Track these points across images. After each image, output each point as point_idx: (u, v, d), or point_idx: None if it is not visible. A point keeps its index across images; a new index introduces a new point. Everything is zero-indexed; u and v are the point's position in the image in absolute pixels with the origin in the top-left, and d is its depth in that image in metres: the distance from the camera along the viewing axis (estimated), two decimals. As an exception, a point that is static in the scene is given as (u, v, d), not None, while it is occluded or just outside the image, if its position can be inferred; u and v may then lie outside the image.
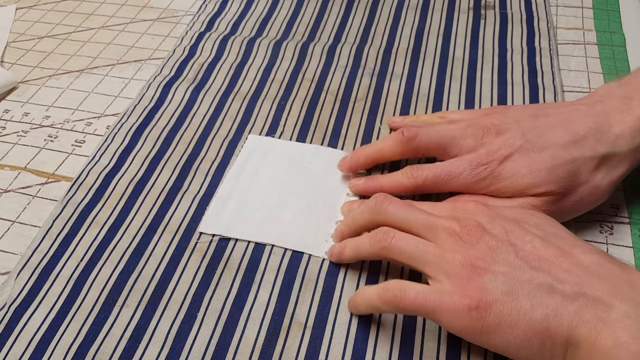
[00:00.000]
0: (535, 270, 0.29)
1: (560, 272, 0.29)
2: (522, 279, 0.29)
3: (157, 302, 0.35)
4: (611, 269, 0.29)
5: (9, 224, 0.41)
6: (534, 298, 0.29)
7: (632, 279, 0.28)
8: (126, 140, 0.46)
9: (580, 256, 0.30)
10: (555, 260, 0.30)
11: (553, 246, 0.30)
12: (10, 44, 0.58)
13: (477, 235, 0.31)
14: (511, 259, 0.30)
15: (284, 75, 0.51)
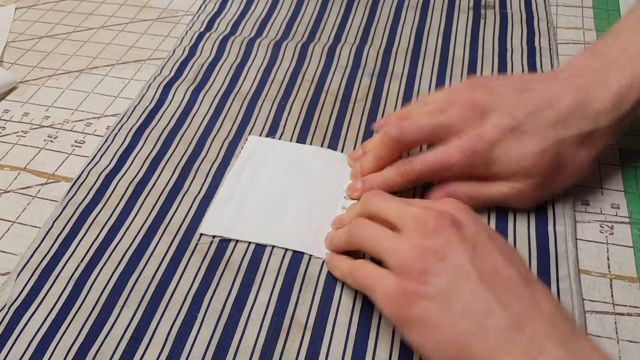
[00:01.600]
0: (483, 284, 0.28)
1: (507, 297, 0.28)
2: (464, 287, 0.28)
3: (157, 302, 0.35)
4: (562, 320, 0.28)
5: (8, 224, 0.41)
6: (467, 310, 0.27)
7: (574, 331, 0.27)
8: (126, 140, 0.46)
9: (537, 294, 0.28)
10: (508, 283, 0.28)
11: (515, 271, 0.29)
12: (10, 44, 0.58)
13: (442, 226, 0.30)
14: (464, 262, 0.29)
15: (284, 75, 0.51)
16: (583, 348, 0.27)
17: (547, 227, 0.38)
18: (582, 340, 0.27)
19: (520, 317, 0.27)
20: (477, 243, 0.30)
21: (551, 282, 0.35)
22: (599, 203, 0.40)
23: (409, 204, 0.33)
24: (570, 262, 0.36)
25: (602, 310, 0.35)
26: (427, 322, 0.28)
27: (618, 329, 0.34)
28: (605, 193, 0.41)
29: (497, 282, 0.28)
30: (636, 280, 0.36)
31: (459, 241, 0.29)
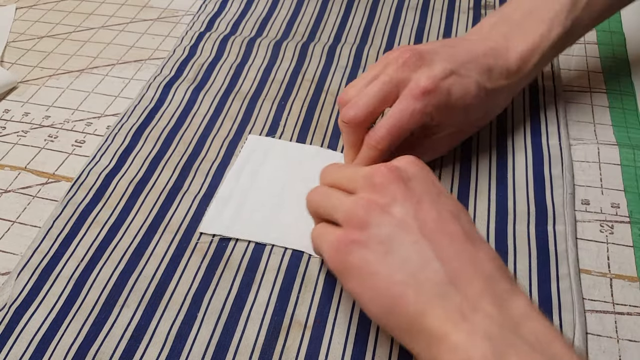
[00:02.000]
0: (424, 238, 0.28)
1: (447, 253, 0.27)
2: (405, 238, 0.28)
3: (157, 302, 0.35)
4: (501, 280, 0.27)
5: (9, 224, 0.41)
6: (404, 262, 0.27)
7: (513, 290, 0.27)
8: (126, 140, 0.46)
9: (479, 252, 0.28)
10: (450, 238, 0.28)
11: (459, 227, 0.28)
12: (10, 44, 0.58)
13: (389, 180, 0.30)
14: (407, 215, 0.28)
15: (284, 75, 0.51)
16: (519, 307, 0.26)
17: (547, 226, 0.38)
18: (521, 300, 0.27)
19: (458, 273, 0.27)
20: (423, 197, 0.29)
21: (551, 281, 0.35)
22: (599, 202, 0.40)
23: (361, 167, 0.33)
24: (570, 261, 0.36)
25: (602, 309, 0.35)
26: (364, 271, 0.28)
27: (618, 328, 0.34)
28: (605, 192, 0.41)
29: (438, 237, 0.28)
30: (636, 279, 0.36)
31: (404, 194, 0.29)
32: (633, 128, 0.45)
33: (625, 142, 0.44)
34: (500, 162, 0.43)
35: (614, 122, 0.46)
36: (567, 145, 0.43)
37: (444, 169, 0.42)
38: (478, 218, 0.39)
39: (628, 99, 0.48)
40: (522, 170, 0.42)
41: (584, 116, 0.47)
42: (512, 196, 0.40)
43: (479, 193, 0.41)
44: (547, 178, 0.41)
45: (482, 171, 0.42)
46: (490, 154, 0.43)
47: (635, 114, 0.47)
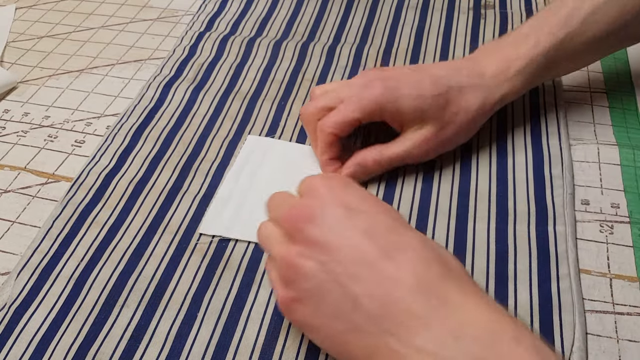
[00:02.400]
0: (345, 277, 0.27)
1: (368, 284, 0.27)
2: (328, 285, 0.27)
3: (157, 302, 0.35)
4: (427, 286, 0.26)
5: (9, 224, 0.41)
6: (337, 309, 0.27)
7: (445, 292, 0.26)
8: (126, 140, 0.46)
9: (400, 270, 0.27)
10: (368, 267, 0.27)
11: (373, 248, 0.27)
12: (10, 44, 0.58)
13: (296, 227, 0.29)
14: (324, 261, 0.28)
15: (284, 75, 0.51)
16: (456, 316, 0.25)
17: (547, 226, 0.38)
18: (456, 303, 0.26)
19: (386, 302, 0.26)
20: (332, 232, 0.28)
21: (551, 281, 0.35)
22: (599, 202, 0.40)
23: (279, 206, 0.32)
24: (570, 261, 0.36)
25: (602, 309, 0.35)
26: (308, 327, 0.29)
27: (618, 329, 0.34)
28: (605, 192, 0.41)
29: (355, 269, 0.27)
30: (636, 279, 0.36)
31: (314, 238, 0.28)
32: (633, 128, 0.45)
33: (625, 142, 0.44)
34: (500, 162, 0.43)
35: (614, 122, 0.46)
36: (567, 145, 0.43)
37: (444, 169, 0.42)
38: (478, 218, 0.39)
39: (628, 99, 0.48)
40: (522, 170, 0.42)
41: (584, 116, 0.47)
42: (512, 196, 0.40)
43: (479, 193, 0.41)
44: (547, 178, 0.41)
45: (482, 171, 0.42)
46: (490, 154, 0.43)
47: (635, 114, 0.47)
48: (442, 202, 0.40)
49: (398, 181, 0.42)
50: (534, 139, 0.44)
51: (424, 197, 0.41)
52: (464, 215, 0.39)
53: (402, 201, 0.41)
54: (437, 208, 0.40)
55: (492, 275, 0.36)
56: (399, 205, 0.40)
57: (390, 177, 0.42)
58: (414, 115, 0.40)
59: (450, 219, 0.39)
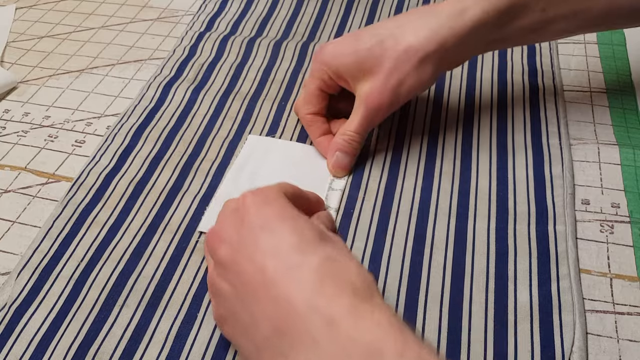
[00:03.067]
0: (247, 296, 0.28)
1: (262, 303, 0.27)
2: (237, 306, 0.29)
3: (157, 302, 0.35)
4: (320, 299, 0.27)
5: (9, 224, 0.41)
6: (246, 329, 0.28)
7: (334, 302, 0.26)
8: (126, 140, 0.46)
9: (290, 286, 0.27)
10: (263, 287, 0.28)
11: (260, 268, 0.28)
12: (10, 44, 0.58)
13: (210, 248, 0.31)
14: (230, 284, 0.29)
15: (284, 75, 0.51)
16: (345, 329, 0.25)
17: (547, 226, 0.38)
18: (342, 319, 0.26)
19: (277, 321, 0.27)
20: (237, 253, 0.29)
21: (551, 281, 0.35)
22: (599, 202, 0.40)
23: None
24: (570, 261, 0.36)
25: (603, 309, 0.35)
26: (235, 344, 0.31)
27: (618, 328, 0.34)
28: (605, 192, 0.41)
29: (252, 289, 0.28)
30: (636, 279, 0.36)
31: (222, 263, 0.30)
32: (633, 128, 0.45)
33: (625, 142, 0.44)
34: (500, 162, 0.43)
35: (614, 122, 0.46)
36: (567, 145, 0.43)
37: (444, 168, 0.42)
38: (478, 218, 0.39)
39: (628, 99, 0.48)
40: (522, 170, 0.42)
41: (584, 116, 0.47)
42: (512, 196, 0.40)
43: (479, 192, 0.41)
44: (547, 178, 0.41)
45: (482, 171, 0.42)
46: (490, 154, 0.43)
47: (635, 113, 0.47)
48: (442, 201, 0.40)
49: (398, 181, 0.42)
50: (534, 138, 0.44)
51: (424, 196, 0.41)
52: (464, 214, 0.39)
53: (402, 201, 0.41)
54: (437, 207, 0.40)
55: (492, 275, 0.36)
56: (399, 205, 0.40)
57: (390, 177, 0.42)
58: (353, 72, 0.40)
59: (450, 218, 0.39)
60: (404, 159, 0.43)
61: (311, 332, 0.26)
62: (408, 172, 0.42)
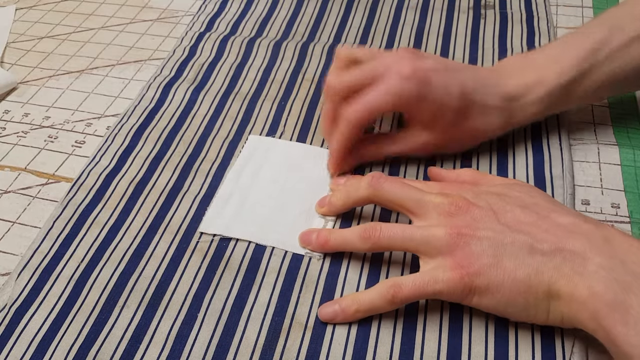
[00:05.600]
0: (517, 233, 0.32)
1: (539, 233, 0.31)
2: (504, 241, 0.32)
3: (157, 302, 0.35)
4: (586, 227, 0.31)
5: (9, 224, 0.41)
6: (516, 259, 0.31)
7: (606, 235, 0.31)
8: (126, 141, 0.46)
9: (558, 218, 0.32)
10: (534, 223, 0.32)
11: (532, 212, 0.33)
12: (10, 45, 0.58)
13: (463, 208, 0.33)
14: (494, 225, 0.32)
15: (284, 75, 0.51)
16: (619, 246, 0.30)
17: (547, 226, 0.38)
18: (609, 232, 0.31)
19: (554, 243, 0.31)
20: (493, 207, 0.33)
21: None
22: (599, 202, 0.40)
23: (420, 191, 0.35)
24: (570, 261, 0.36)
25: (603, 309, 0.35)
26: (491, 287, 0.32)
27: (618, 329, 0.34)
28: (605, 192, 0.41)
29: (523, 227, 0.32)
30: (636, 279, 0.36)
31: (480, 213, 0.33)
32: (633, 128, 0.45)
33: (625, 142, 0.44)
34: (500, 162, 0.43)
35: (614, 122, 0.46)
36: (567, 145, 0.43)
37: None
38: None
39: (628, 99, 0.48)
40: (522, 170, 0.42)
41: (584, 116, 0.47)
42: (513, 196, 0.40)
43: (479, 193, 0.41)
44: (547, 178, 0.41)
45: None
46: (490, 154, 0.43)
47: (636, 113, 0.47)
48: (443, 202, 0.40)
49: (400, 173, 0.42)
50: (534, 139, 0.44)
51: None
52: (464, 215, 0.39)
53: (402, 201, 0.40)
54: (437, 208, 0.40)
55: (493, 276, 0.36)
56: (399, 206, 0.40)
57: (390, 178, 0.42)
58: (431, 120, 0.40)
59: (450, 219, 0.39)
60: (404, 160, 0.43)
61: (588, 247, 0.30)
62: (408, 173, 0.42)
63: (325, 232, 0.37)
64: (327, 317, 0.34)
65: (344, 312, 0.34)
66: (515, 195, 0.34)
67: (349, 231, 0.36)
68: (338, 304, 0.34)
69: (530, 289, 0.31)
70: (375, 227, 0.35)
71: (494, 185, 0.36)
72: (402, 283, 0.33)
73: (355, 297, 0.34)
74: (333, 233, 0.37)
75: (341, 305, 0.34)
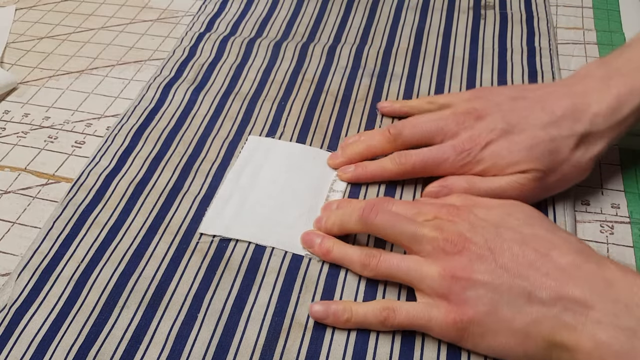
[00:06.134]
0: (515, 278, 0.30)
1: (538, 278, 0.30)
2: (501, 288, 0.30)
3: (157, 303, 0.35)
4: (587, 268, 0.30)
5: (9, 225, 0.41)
6: (513, 307, 0.30)
7: (608, 276, 0.29)
8: (126, 141, 0.46)
9: (558, 259, 0.31)
10: (532, 264, 0.31)
11: (531, 250, 0.31)
12: (10, 45, 0.58)
13: (458, 245, 0.32)
14: (491, 267, 0.31)
15: (284, 75, 0.51)
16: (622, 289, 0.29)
17: (547, 227, 0.38)
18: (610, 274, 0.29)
19: (554, 290, 0.29)
20: (490, 245, 0.32)
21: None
22: (599, 203, 0.40)
23: (414, 224, 0.34)
24: (570, 262, 0.36)
25: (603, 310, 0.35)
26: (487, 335, 0.31)
27: (618, 329, 0.34)
28: (605, 193, 0.41)
29: (522, 270, 0.30)
30: (636, 280, 0.36)
31: (477, 252, 0.32)
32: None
33: (626, 142, 0.44)
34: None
35: (614, 122, 0.46)
36: (567, 145, 0.43)
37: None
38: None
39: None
40: (522, 171, 0.42)
41: (584, 116, 0.47)
42: (513, 196, 0.40)
43: (479, 193, 0.41)
44: (548, 178, 0.41)
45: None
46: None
47: (636, 114, 0.47)
48: (443, 202, 0.40)
49: (398, 184, 0.42)
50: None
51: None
52: (464, 215, 0.39)
53: (402, 202, 0.40)
54: (437, 208, 0.40)
55: (493, 276, 0.36)
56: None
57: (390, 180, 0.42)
58: (506, 169, 0.38)
59: (450, 219, 0.39)
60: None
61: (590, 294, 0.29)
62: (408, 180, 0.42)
63: (329, 242, 0.37)
64: (317, 315, 0.34)
65: (335, 316, 0.34)
66: (513, 227, 0.33)
67: (351, 250, 0.36)
68: (332, 306, 0.34)
69: (529, 339, 0.30)
70: (375, 255, 0.35)
71: (490, 208, 0.34)
72: (396, 309, 0.33)
73: (350, 307, 0.34)
74: (337, 245, 0.37)
75: (334, 309, 0.34)
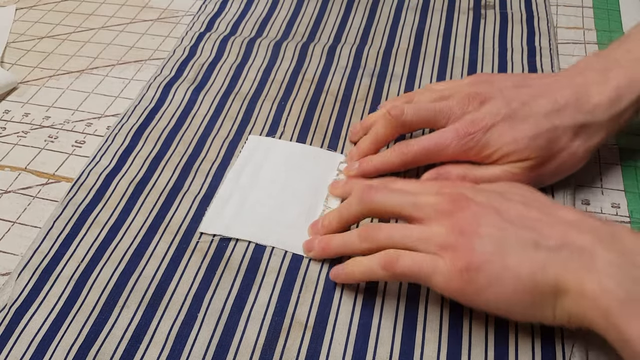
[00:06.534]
0: (521, 229, 0.31)
1: (544, 228, 0.30)
2: (508, 238, 0.31)
3: (157, 302, 0.35)
4: (593, 223, 0.31)
5: (9, 224, 0.41)
6: (520, 255, 0.30)
7: (614, 231, 0.30)
8: (126, 140, 0.46)
9: (563, 215, 0.31)
10: (539, 219, 0.31)
11: (535, 209, 0.32)
12: (10, 45, 0.58)
13: (462, 204, 0.32)
14: (497, 221, 0.31)
15: (284, 75, 0.51)
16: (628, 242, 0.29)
17: (547, 226, 0.38)
18: (616, 229, 0.30)
19: (560, 239, 0.30)
20: (494, 204, 0.32)
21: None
22: (600, 202, 0.40)
23: (414, 194, 0.34)
24: (570, 261, 0.36)
25: (603, 309, 0.35)
26: (493, 284, 0.30)
27: (618, 329, 0.34)
28: (605, 192, 0.41)
29: (527, 223, 0.31)
30: (636, 279, 0.36)
31: (481, 209, 0.32)
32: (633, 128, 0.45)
33: (626, 142, 0.44)
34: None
35: (614, 122, 0.46)
36: (568, 145, 0.43)
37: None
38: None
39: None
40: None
41: (584, 116, 0.47)
42: (513, 196, 0.40)
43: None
44: (548, 178, 0.41)
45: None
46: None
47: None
48: (443, 202, 0.40)
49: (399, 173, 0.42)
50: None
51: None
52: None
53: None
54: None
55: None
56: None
57: (390, 178, 0.42)
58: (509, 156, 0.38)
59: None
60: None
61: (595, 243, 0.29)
62: (408, 174, 0.42)
63: (326, 237, 0.37)
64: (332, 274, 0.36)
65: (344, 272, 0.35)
66: (516, 193, 0.33)
67: (347, 233, 0.36)
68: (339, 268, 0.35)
69: (536, 286, 0.29)
70: (374, 226, 0.35)
71: (492, 185, 0.35)
72: (401, 254, 0.32)
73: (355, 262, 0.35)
74: (333, 237, 0.37)
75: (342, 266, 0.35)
